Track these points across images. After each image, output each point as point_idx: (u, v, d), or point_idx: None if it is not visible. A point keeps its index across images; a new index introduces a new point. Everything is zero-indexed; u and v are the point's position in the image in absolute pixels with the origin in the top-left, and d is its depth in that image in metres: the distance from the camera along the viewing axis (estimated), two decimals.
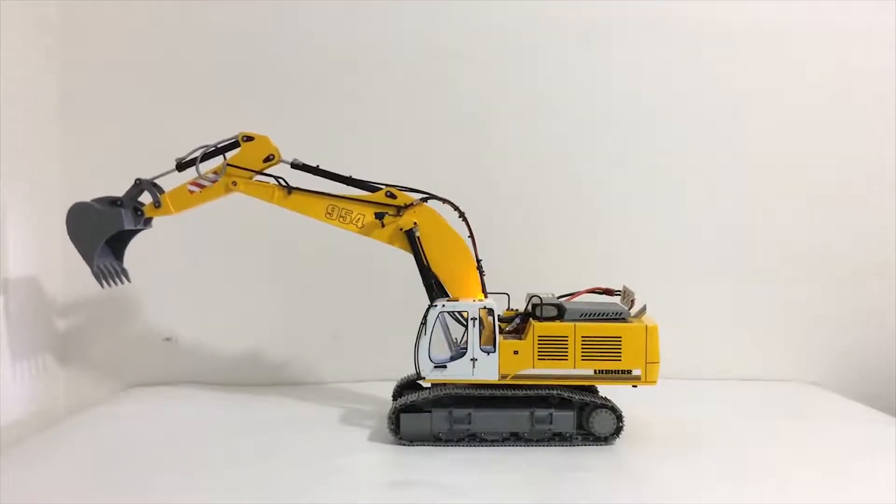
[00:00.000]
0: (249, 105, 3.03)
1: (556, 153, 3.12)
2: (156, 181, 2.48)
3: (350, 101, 3.06)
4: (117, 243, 2.55)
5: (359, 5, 3.03)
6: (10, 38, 2.62)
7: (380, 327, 2.99)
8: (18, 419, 2.64)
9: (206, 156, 2.46)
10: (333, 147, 3.05)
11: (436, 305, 2.32)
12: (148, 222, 2.54)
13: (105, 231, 2.45)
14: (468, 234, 2.42)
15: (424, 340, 2.31)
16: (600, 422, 2.32)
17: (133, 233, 2.57)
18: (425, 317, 2.32)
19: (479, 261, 2.41)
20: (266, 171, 2.44)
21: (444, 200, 2.42)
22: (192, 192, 2.46)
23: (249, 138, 2.43)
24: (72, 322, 3.00)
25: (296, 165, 2.44)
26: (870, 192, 3.16)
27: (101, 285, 2.47)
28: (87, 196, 2.95)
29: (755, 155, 3.14)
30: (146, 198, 2.50)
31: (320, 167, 2.44)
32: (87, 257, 2.45)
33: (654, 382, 2.29)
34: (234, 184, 2.43)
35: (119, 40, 2.99)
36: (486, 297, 2.39)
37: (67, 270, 2.98)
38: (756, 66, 3.11)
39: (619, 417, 2.32)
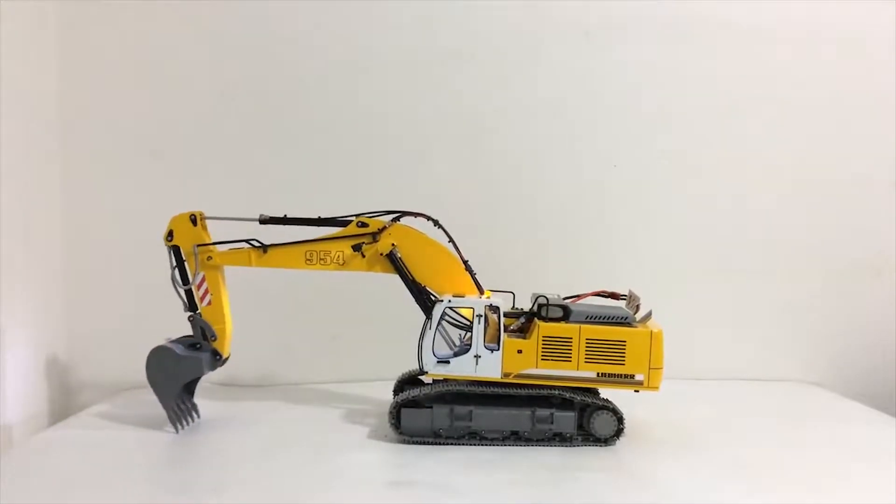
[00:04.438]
0: (249, 105, 3.03)
1: (558, 153, 3.12)
2: (206, 328, 2.46)
3: (351, 100, 3.05)
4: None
5: (360, 5, 3.03)
6: (10, 38, 2.62)
7: (379, 327, 2.99)
8: (19, 419, 2.64)
9: (183, 275, 2.47)
10: (334, 145, 3.05)
11: (441, 300, 2.32)
12: (223, 363, 2.52)
13: (185, 377, 2.45)
14: (448, 239, 2.42)
15: (429, 335, 2.31)
16: (601, 423, 2.32)
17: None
18: (431, 311, 2.32)
19: (465, 262, 2.42)
20: (240, 239, 2.44)
21: (416, 214, 2.42)
22: (209, 303, 2.47)
23: (170, 234, 2.44)
24: (72, 322, 3.00)
25: (263, 220, 2.42)
26: (869, 192, 3.16)
27: (176, 429, 2.44)
28: (87, 195, 2.98)
29: (755, 155, 3.14)
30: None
31: (287, 216, 2.43)
32: (165, 401, 2.44)
33: (656, 388, 2.29)
34: (209, 258, 2.44)
35: (119, 40, 2.99)
36: (487, 293, 2.39)
37: (67, 270, 2.99)
38: (756, 65, 3.11)
39: (620, 419, 2.32)
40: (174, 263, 2.47)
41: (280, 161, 3.05)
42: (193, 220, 2.44)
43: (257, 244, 2.43)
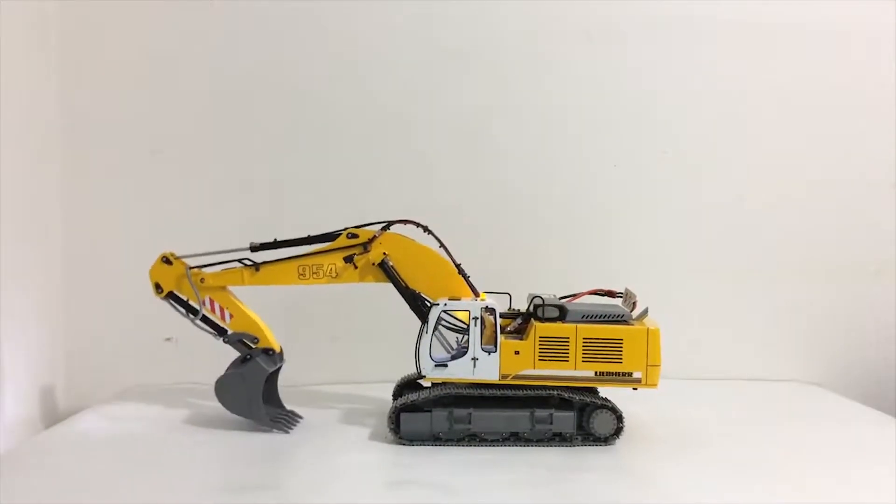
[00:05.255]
0: (249, 104, 3.03)
1: (558, 153, 3.12)
2: (244, 338, 2.47)
3: (352, 101, 3.05)
4: (267, 390, 2.52)
5: (361, 5, 3.03)
6: (10, 38, 2.62)
7: (379, 328, 2.99)
8: (19, 419, 2.64)
9: (190, 310, 2.48)
10: (335, 146, 3.05)
11: (437, 304, 2.32)
12: (282, 356, 2.53)
13: (257, 387, 2.43)
14: (439, 244, 2.42)
15: (425, 339, 2.31)
16: (600, 422, 2.32)
17: (274, 375, 2.56)
18: (427, 315, 2.32)
19: (458, 265, 2.42)
20: (231, 259, 2.45)
21: (405, 221, 2.42)
22: (231, 318, 2.47)
23: (157, 287, 2.46)
24: (72, 322, 3.00)
25: (254, 248, 2.44)
26: (869, 192, 3.16)
27: (286, 431, 2.45)
28: (87, 195, 2.99)
29: (755, 155, 3.14)
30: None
31: (277, 240, 2.44)
32: (257, 417, 2.44)
33: (654, 385, 2.30)
34: (203, 280, 2.45)
35: (119, 40, 2.99)
36: (483, 296, 2.39)
37: (67, 270, 2.99)
38: (757, 65, 3.11)
39: (620, 418, 2.32)
40: (181, 310, 2.48)
41: (281, 161, 3.05)
42: (167, 261, 2.46)
43: (249, 263, 2.44)
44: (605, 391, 2.37)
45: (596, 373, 2.29)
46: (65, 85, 2.95)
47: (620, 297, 2.43)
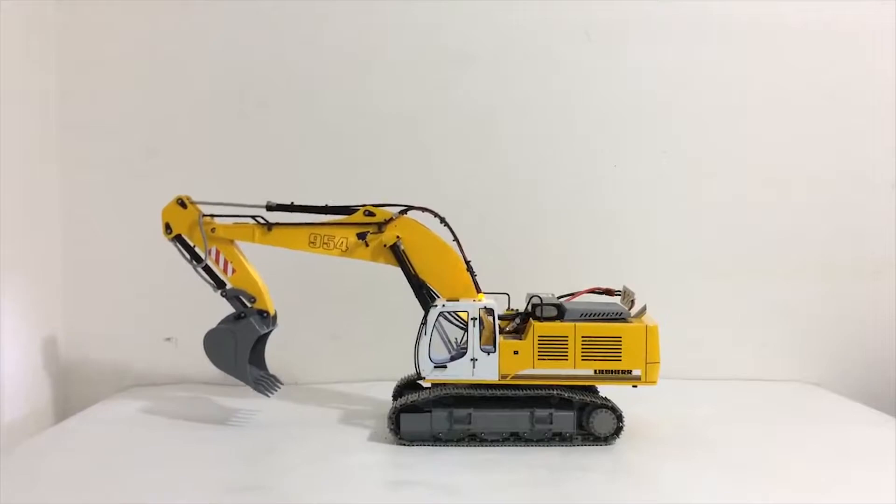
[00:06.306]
0: (248, 104, 3.03)
1: (558, 153, 3.12)
2: (241, 295, 2.48)
3: (352, 101, 3.05)
4: (254, 352, 2.54)
5: (361, 5, 3.03)
6: (10, 38, 2.62)
7: (379, 327, 2.99)
8: (19, 419, 2.64)
9: (194, 257, 2.49)
10: (335, 147, 3.05)
11: (436, 305, 2.32)
12: (275, 321, 2.53)
13: (246, 345, 2.45)
14: (452, 238, 2.42)
15: (424, 340, 2.31)
16: (600, 422, 2.32)
17: (264, 337, 2.57)
18: (425, 317, 2.32)
19: (468, 262, 2.41)
20: (245, 215, 2.45)
21: (423, 209, 2.42)
22: (233, 272, 2.47)
23: (167, 227, 2.46)
24: (72, 322, 3.00)
25: (270, 207, 2.43)
26: (869, 192, 3.15)
27: (267, 395, 2.50)
28: (86, 193, 2.99)
29: (755, 154, 3.14)
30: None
31: (294, 203, 2.43)
32: (241, 376, 2.46)
33: (654, 382, 2.30)
34: (213, 230, 2.45)
35: (118, 40, 2.99)
36: (480, 296, 2.39)
37: (67, 270, 2.99)
38: (757, 65, 3.11)
39: (620, 417, 2.32)
40: (185, 254, 2.48)
41: (282, 162, 3.05)
42: (182, 203, 2.45)
43: (262, 221, 2.44)
44: (605, 390, 2.37)
45: (595, 371, 2.29)
46: (64, 85, 2.95)
47: (618, 295, 2.44)
